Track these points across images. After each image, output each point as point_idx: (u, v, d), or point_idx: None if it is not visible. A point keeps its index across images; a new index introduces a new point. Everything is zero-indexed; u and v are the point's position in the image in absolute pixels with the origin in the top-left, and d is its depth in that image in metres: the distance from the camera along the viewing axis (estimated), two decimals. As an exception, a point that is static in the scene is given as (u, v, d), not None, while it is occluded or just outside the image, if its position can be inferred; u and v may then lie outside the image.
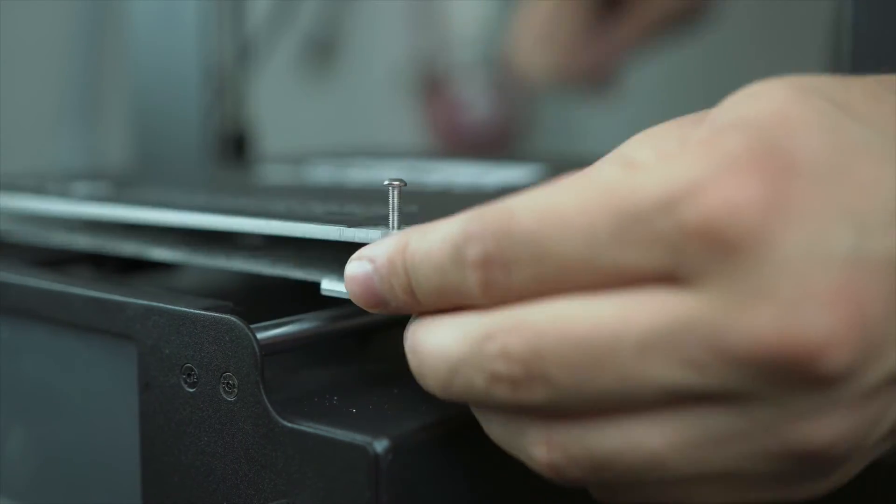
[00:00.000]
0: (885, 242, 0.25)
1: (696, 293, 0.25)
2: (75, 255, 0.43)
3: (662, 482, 0.27)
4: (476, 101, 1.53)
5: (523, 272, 0.26)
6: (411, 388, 0.32)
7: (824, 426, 0.25)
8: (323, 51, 1.49)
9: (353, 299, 0.30)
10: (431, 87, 1.54)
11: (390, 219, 0.31)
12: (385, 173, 0.51)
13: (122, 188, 0.45)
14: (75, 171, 1.23)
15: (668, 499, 0.27)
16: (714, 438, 0.26)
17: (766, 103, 0.26)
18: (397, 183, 0.31)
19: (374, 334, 0.37)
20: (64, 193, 0.43)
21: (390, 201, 0.31)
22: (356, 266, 0.30)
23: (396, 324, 0.35)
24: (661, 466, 0.26)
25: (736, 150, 0.25)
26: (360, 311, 0.33)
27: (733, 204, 0.24)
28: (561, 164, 0.56)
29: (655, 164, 0.26)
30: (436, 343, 0.28)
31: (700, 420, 0.26)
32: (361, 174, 0.49)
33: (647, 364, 0.25)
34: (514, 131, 1.56)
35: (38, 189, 0.44)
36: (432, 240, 0.28)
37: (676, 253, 0.25)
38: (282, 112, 1.11)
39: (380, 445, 0.27)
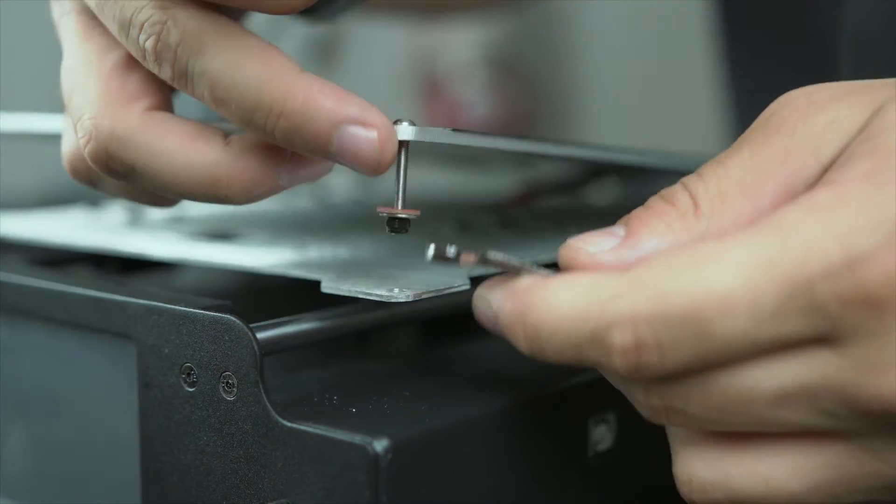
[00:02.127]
0: None
1: (840, 354, 0.26)
2: (75, 254, 0.43)
3: None
4: (476, 101, 1.53)
5: (680, 353, 0.26)
6: (411, 388, 0.32)
7: None
8: (323, 51, 1.49)
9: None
10: (431, 87, 1.54)
11: (398, 181, 0.31)
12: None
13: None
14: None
15: None
16: (842, 474, 0.27)
17: None
18: (406, 122, 0.30)
19: (374, 334, 0.37)
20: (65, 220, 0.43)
21: (398, 162, 0.30)
22: (480, 309, 0.30)
23: (396, 324, 0.35)
24: (791, 498, 0.28)
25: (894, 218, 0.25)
26: (359, 311, 0.33)
27: (891, 278, 0.25)
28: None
29: (814, 231, 0.26)
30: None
31: (829, 454, 0.27)
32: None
33: (782, 411, 0.27)
34: (514, 129, 1.55)
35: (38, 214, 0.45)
36: (561, 315, 0.27)
37: (832, 319, 0.26)
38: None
39: (379, 445, 0.27)
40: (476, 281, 0.34)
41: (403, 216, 0.31)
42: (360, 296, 0.32)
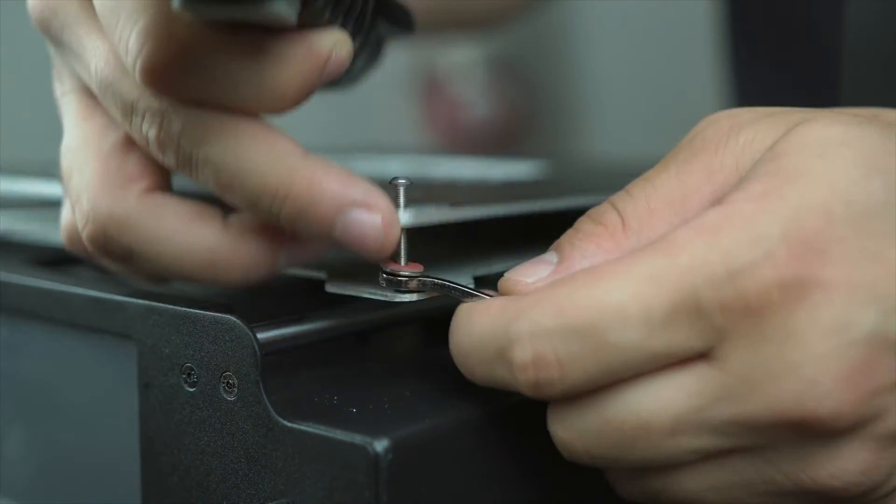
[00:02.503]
0: None
1: (725, 371, 0.27)
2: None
3: None
4: (476, 101, 1.53)
5: (579, 367, 0.27)
6: (411, 388, 0.32)
7: (833, 468, 0.28)
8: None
9: None
10: (431, 87, 1.54)
11: (400, 240, 0.31)
12: (388, 167, 0.51)
13: None
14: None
15: None
16: (742, 481, 0.29)
17: (819, 178, 0.27)
18: (403, 181, 0.31)
19: (374, 334, 0.37)
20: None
21: (399, 201, 0.31)
22: None
23: (396, 324, 0.35)
24: (690, 496, 0.29)
25: (775, 236, 0.27)
26: (360, 311, 0.33)
27: (769, 289, 0.26)
28: (562, 161, 0.56)
29: (700, 247, 0.27)
30: None
31: (729, 468, 0.28)
32: (365, 167, 0.49)
33: (680, 439, 0.28)
34: (514, 130, 1.55)
35: (43, 173, 0.44)
36: (475, 335, 0.29)
37: (717, 328, 0.27)
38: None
39: (380, 445, 0.27)
40: (479, 281, 0.34)
41: (407, 273, 0.31)
42: (365, 296, 0.32)
